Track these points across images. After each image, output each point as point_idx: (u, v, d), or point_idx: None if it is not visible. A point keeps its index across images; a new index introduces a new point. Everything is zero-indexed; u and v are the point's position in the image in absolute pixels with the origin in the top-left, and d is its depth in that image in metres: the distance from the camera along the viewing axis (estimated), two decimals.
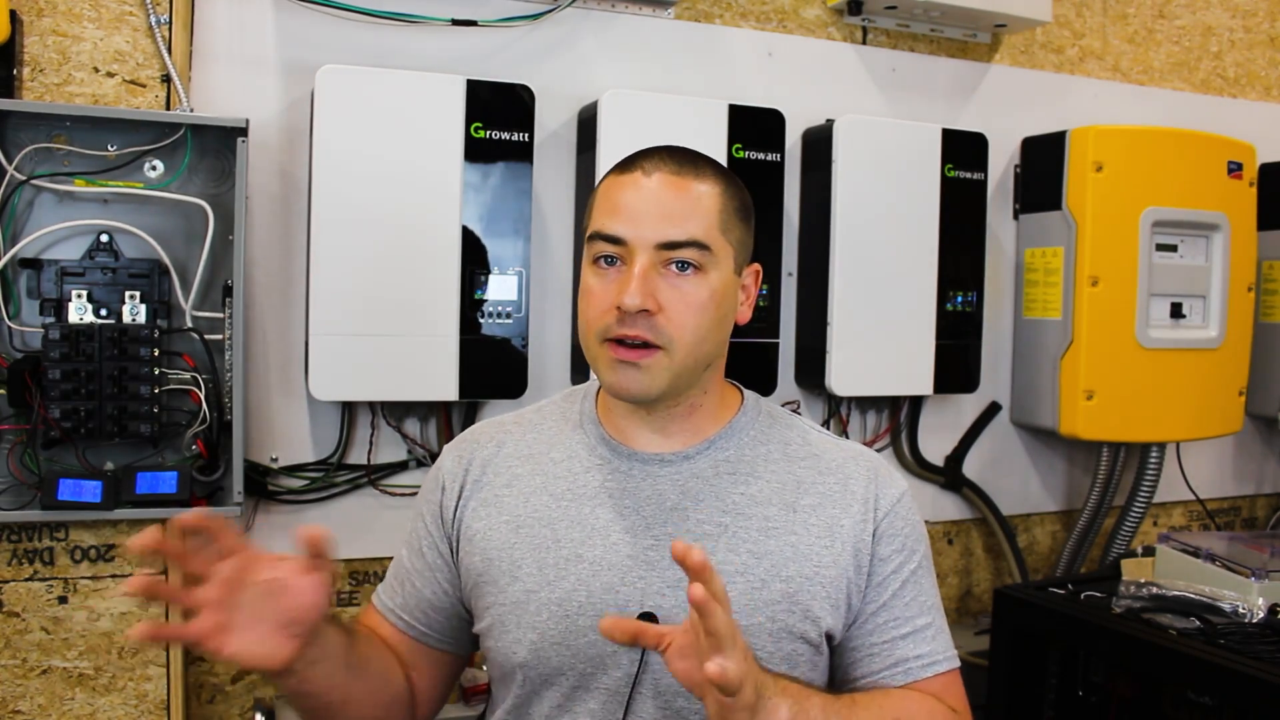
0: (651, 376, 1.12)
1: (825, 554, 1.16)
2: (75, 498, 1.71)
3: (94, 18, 1.80)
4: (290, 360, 1.95)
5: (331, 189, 1.83)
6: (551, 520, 1.18)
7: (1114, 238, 2.34)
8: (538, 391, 2.07)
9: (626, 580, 1.13)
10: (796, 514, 1.17)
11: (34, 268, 1.74)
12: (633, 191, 1.13)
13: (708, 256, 1.12)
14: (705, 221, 1.13)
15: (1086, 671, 1.98)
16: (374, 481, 2.00)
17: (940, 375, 2.29)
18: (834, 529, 1.17)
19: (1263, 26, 2.88)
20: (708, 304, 1.13)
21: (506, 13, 2.04)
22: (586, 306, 1.16)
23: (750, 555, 1.14)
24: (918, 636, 1.18)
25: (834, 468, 1.21)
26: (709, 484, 1.17)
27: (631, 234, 1.12)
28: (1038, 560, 2.66)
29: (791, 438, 1.24)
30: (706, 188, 1.14)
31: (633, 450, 1.19)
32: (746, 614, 1.11)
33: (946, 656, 1.19)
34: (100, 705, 1.85)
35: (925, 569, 1.21)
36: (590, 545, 1.15)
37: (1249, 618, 1.82)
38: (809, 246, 2.26)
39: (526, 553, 1.17)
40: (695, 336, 1.12)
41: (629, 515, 1.16)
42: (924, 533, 1.23)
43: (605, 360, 1.14)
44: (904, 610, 1.18)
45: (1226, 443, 2.84)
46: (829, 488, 1.19)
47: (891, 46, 2.41)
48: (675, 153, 1.16)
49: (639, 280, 1.10)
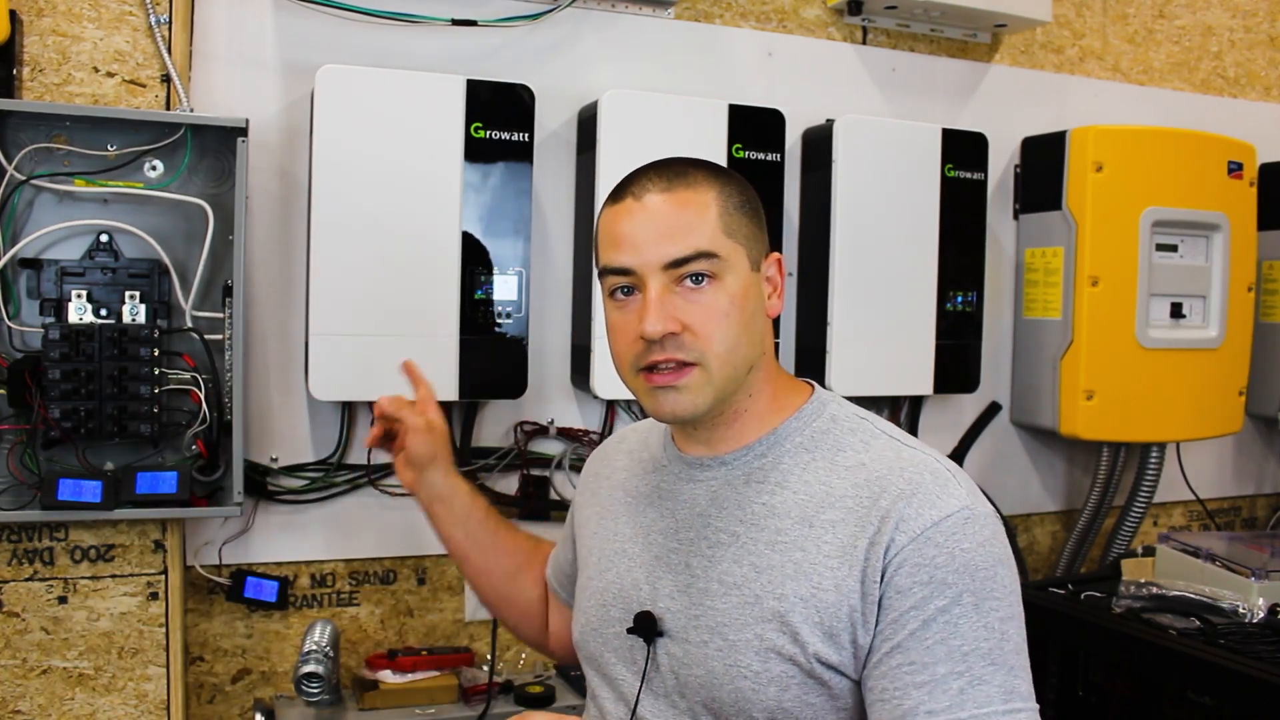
0: (693, 394, 1.11)
1: (830, 576, 1.05)
2: (75, 498, 1.71)
3: (94, 18, 1.80)
4: (290, 360, 1.95)
5: (331, 189, 1.83)
6: (617, 515, 1.26)
7: (1114, 238, 2.34)
8: (537, 392, 2.08)
9: (649, 579, 1.17)
10: (813, 529, 1.08)
11: (34, 268, 1.74)
12: (627, 219, 1.12)
13: (718, 264, 1.10)
14: (707, 230, 1.10)
15: (1086, 671, 1.98)
16: (374, 481, 2.00)
17: (940, 375, 2.29)
18: (848, 550, 1.05)
19: (1263, 26, 2.88)
20: (730, 310, 1.10)
21: (506, 13, 2.04)
22: (615, 342, 1.15)
23: (752, 568, 1.10)
24: (935, 688, 0.99)
25: (874, 479, 1.08)
26: (737, 491, 1.15)
27: (636, 261, 1.10)
28: (1038, 560, 2.66)
29: (848, 443, 1.14)
30: (701, 195, 1.12)
31: (681, 454, 1.22)
32: (736, 629, 1.08)
33: (974, 715, 0.98)
34: (100, 705, 1.85)
35: (970, 609, 1.00)
36: (634, 542, 1.21)
37: (1249, 618, 1.82)
38: (809, 246, 2.26)
39: (597, 544, 1.27)
40: (725, 345, 1.10)
41: (666, 517, 1.20)
42: (979, 565, 1.02)
43: (643, 390, 1.14)
44: (923, 654, 1.00)
45: (1226, 443, 2.84)
46: (858, 503, 1.07)
47: (891, 46, 2.41)
48: (662, 168, 1.14)
49: (655, 307, 1.08)
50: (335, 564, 2.01)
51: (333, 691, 1.82)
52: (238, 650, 1.97)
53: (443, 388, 1.91)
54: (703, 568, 1.13)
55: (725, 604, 1.10)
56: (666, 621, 1.14)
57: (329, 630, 1.86)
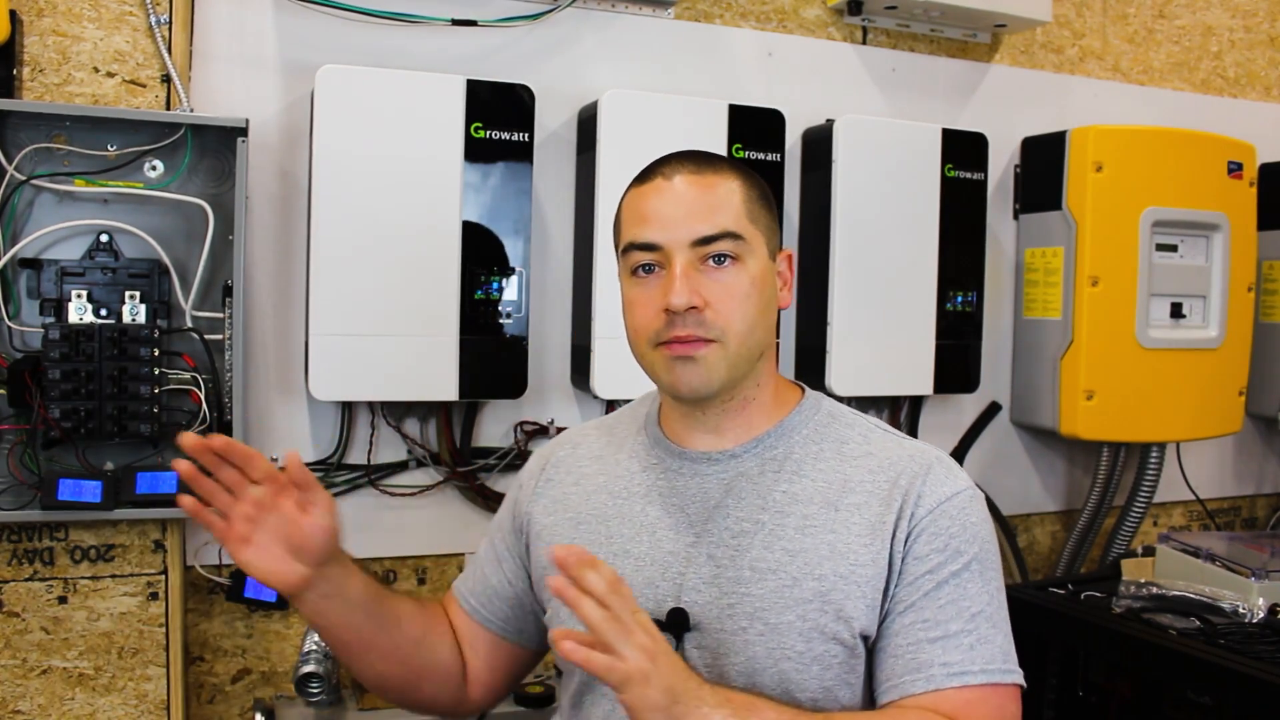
0: (709, 368, 1.13)
1: (864, 552, 1.12)
2: (75, 498, 1.71)
3: (94, 18, 1.80)
4: (290, 360, 1.95)
5: (331, 189, 1.83)
6: (606, 518, 1.23)
7: (1114, 238, 2.34)
8: (537, 391, 2.07)
9: (666, 576, 1.16)
10: (839, 512, 1.14)
11: (34, 268, 1.74)
12: (657, 197, 1.15)
13: (742, 246, 1.14)
14: (734, 212, 1.15)
15: (1086, 671, 1.98)
16: (374, 482, 2.00)
17: (940, 375, 2.29)
18: (877, 527, 1.13)
19: (1263, 26, 2.88)
20: (750, 292, 1.14)
21: (506, 13, 2.04)
22: (633, 316, 1.17)
23: (784, 553, 1.13)
24: (949, 643, 1.10)
25: (887, 465, 1.17)
26: (753, 481, 1.18)
27: (665, 237, 1.13)
28: (1038, 560, 2.66)
29: (850, 436, 1.21)
30: (728, 181, 1.17)
31: (684, 450, 1.21)
32: (777, 612, 1.11)
33: (984, 670, 1.09)
34: (100, 705, 1.85)
35: (977, 574, 1.12)
36: (637, 541, 1.19)
37: (1249, 618, 1.82)
38: (809, 246, 2.25)
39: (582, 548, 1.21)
40: (745, 325, 1.14)
41: (675, 513, 1.19)
42: (984, 537, 1.15)
43: (661, 361, 1.15)
44: (937, 613, 1.10)
45: (1226, 443, 2.84)
46: (878, 486, 1.16)
47: (891, 46, 2.41)
48: (690, 154, 1.19)
49: (682, 279, 1.11)
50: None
51: (333, 691, 1.81)
52: (238, 650, 1.97)
53: (442, 388, 1.91)
54: (729, 558, 1.14)
55: (761, 589, 1.11)
56: (696, 615, 1.13)
57: None
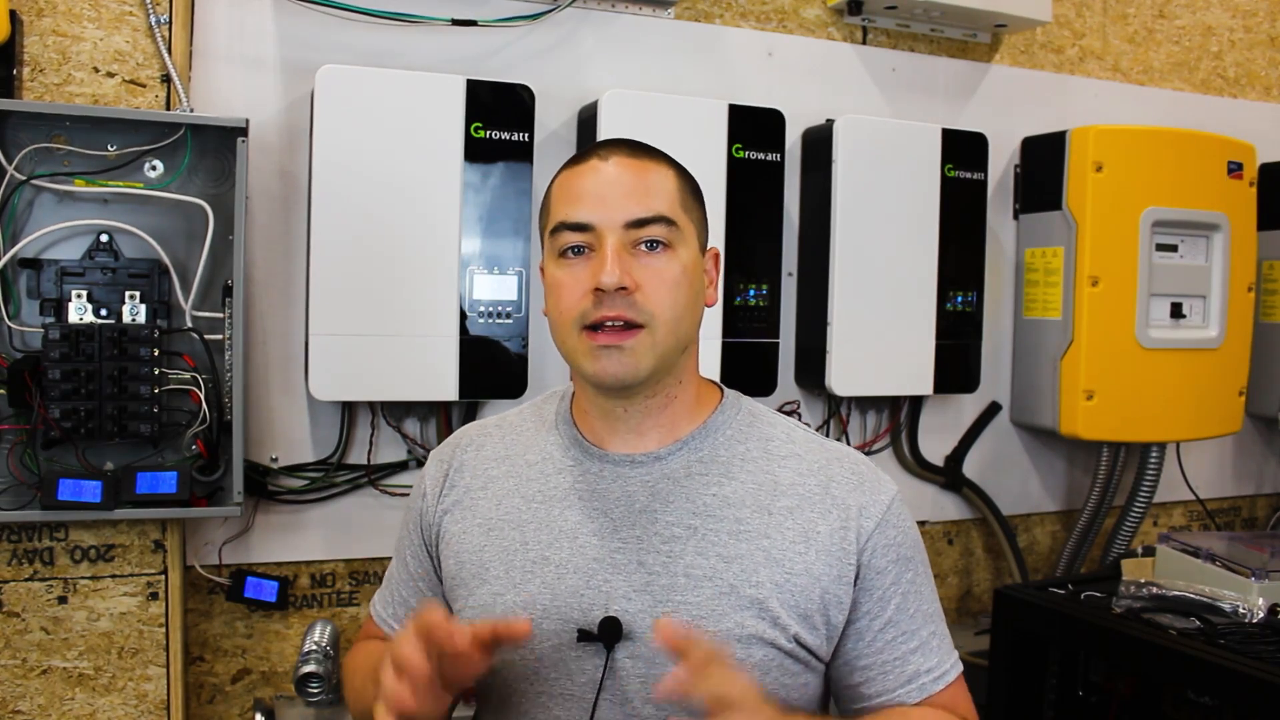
0: (636, 357, 1.09)
1: (798, 561, 1.11)
2: (75, 498, 1.71)
3: (94, 18, 1.80)
4: (290, 360, 1.95)
5: (331, 189, 1.83)
6: (521, 523, 1.16)
7: (1114, 238, 2.34)
8: (537, 391, 2.06)
9: (592, 584, 1.11)
10: (771, 516, 1.12)
11: (34, 268, 1.74)
12: (592, 177, 1.13)
13: (675, 233, 1.12)
14: (668, 199, 1.13)
15: (1086, 671, 1.98)
16: (374, 481, 2.00)
17: (940, 375, 2.29)
18: (810, 534, 1.12)
19: (1263, 26, 2.88)
20: (681, 280, 1.11)
21: (506, 13, 2.04)
22: (559, 298, 1.12)
23: (719, 559, 1.10)
24: (925, 649, 1.15)
25: (816, 469, 1.16)
26: (679, 485, 1.14)
27: (598, 217, 1.10)
28: (1038, 560, 2.66)
29: (774, 435, 1.19)
30: (662, 169, 1.15)
31: (604, 451, 1.17)
32: (714, 619, 1.08)
33: (953, 664, 1.17)
34: (100, 705, 1.85)
35: (924, 575, 1.17)
36: (557, 548, 1.13)
37: (1249, 618, 1.82)
38: (809, 246, 2.26)
39: (495, 555, 1.16)
40: (674, 313, 1.11)
41: (597, 518, 1.14)
42: (918, 536, 1.18)
43: (585, 350, 1.10)
44: (910, 623, 1.14)
45: (1226, 443, 2.84)
46: (809, 490, 1.14)
47: (891, 46, 2.41)
48: (625, 140, 1.18)
49: (614, 259, 1.08)
50: (335, 564, 2.01)
51: (333, 691, 1.81)
52: (238, 650, 1.97)
53: (442, 388, 1.91)
54: (661, 564, 1.10)
55: (698, 597, 1.09)
56: (629, 624, 1.09)
57: (329, 630, 1.86)
